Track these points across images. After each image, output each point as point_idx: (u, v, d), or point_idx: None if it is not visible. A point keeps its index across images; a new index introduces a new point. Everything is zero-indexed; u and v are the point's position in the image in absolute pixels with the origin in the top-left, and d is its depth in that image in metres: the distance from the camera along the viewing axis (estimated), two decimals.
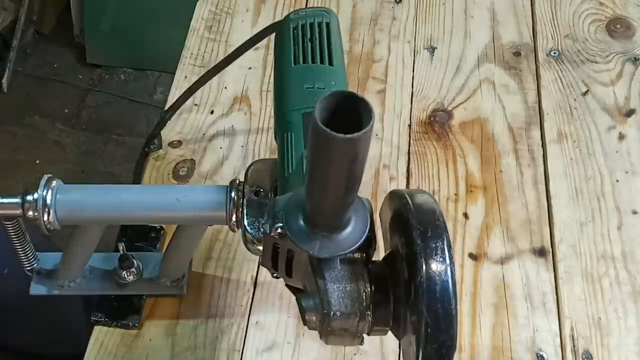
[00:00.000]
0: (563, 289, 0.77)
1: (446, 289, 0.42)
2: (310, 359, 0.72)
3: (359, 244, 0.45)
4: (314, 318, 0.48)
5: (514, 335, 0.74)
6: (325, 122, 0.35)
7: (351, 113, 0.36)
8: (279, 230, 0.48)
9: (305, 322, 0.50)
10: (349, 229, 0.45)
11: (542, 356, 0.73)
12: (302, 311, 0.49)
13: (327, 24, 0.64)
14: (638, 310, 0.76)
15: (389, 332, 0.49)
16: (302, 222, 0.45)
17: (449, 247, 0.43)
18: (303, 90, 0.59)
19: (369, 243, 0.48)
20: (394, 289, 0.46)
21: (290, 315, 0.75)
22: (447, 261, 0.42)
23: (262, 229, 0.51)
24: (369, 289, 0.46)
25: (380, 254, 0.50)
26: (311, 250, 0.44)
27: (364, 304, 0.46)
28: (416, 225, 0.44)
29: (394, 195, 0.48)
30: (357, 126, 0.35)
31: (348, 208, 0.43)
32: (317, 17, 0.64)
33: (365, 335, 0.48)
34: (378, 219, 0.51)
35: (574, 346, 0.73)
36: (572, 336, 0.74)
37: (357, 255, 0.48)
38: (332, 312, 0.45)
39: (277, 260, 0.52)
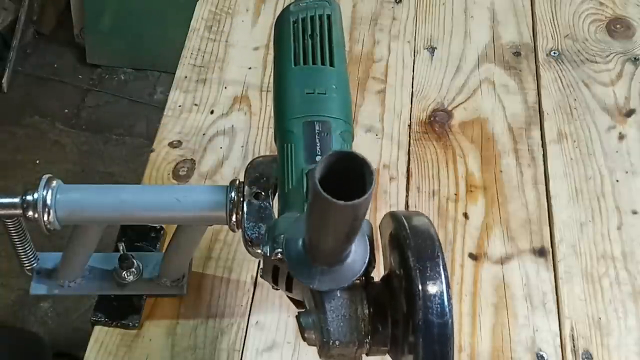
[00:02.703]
0: (563, 289, 0.77)
1: (444, 333, 0.42)
2: (311, 359, 0.72)
3: (359, 274, 0.45)
4: (313, 337, 0.49)
5: (514, 335, 0.74)
6: (325, 179, 0.35)
7: (351, 172, 0.36)
8: (279, 255, 0.48)
9: (304, 339, 0.50)
10: (349, 260, 0.45)
11: (542, 356, 0.73)
12: (302, 329, 0.50)
13: (329, 16, 0.62)
14: (638, 310, 0.76)
15: None
16: (301, 251, 0.45)
17: (448, 286, 0.43)
18: (303, 95, 0.58)
19: (369, 264, 0.48)
20: (392, 311, 0.46)
21: (290, 315, 0.75)
22: (447, 311, 0.43)
23: (262, 251, 0.51)
24: (367, 314, 0.47)
25: (379, 258, 0.50)
26: (310, 284, 0.45)
27: (363, 332, 0.46)
28: (415, 265, 0.43)
29: (392, 219, 0.48)
30: (357, 185, 0.35)
31: (347, 249, 0.44)
32: (319, 8, 0.62)
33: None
34: (377, 224, 0.51)
35: (574, 346, 0.73)
36: (572, 336, 0.74)
37: (356, 280, 0.48)
38: (331, 341, 0.46)
39: (277, 277, 0.52)
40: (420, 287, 0.43)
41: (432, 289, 0.43)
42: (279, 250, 0.47)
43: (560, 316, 0.75)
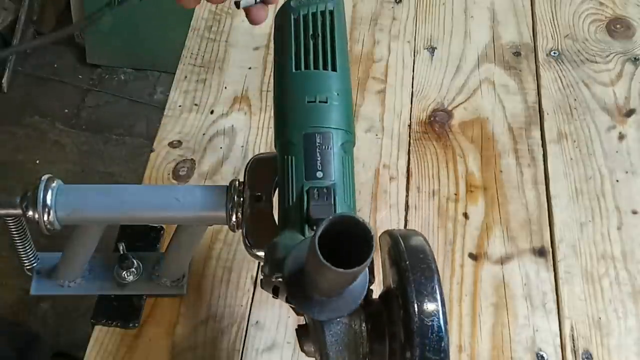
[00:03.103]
0: (563, 289, 0.77)
1: (439, 335, 0.43)
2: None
3: (358, 304, 0.45)
4: (312, 349, 0.49)
5: (514, 335, 0.74)
6: (325, 236, 0.36)
7: (352, 234, 0.37)
8: (279, 279, 0.48)
9: (303, 351, 0.50)
10: (347, 291, 0.45)
11: (542, 356, 0.73)
12: (301, 343, 0.50)
13: (331, 12, 0.59)
14: (638, 310, 0.76)
15: None
16: (301, 281, 0.45)
17: (442, 295, 0.44)
18: (304, 105, 0.56)
19: (368, 285, 0.48)
20: (389, 328, 0.47)
21: (290, 315, 0.75)
22: (443, 335, 0.43)
23: (263, 271, 0.51)
24: (365, 333, 0.47)
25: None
26: (310, 314, 0.45)
27: (362, 355, 0.47)
28: (411, 278, 0.44)
29: (389, 238, 0.48)
30: (357, 246, 0.36)
31: (346, 287, 0.44)
32: (320, 4, 0.60)
33: None
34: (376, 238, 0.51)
35: (574, 346, 0.73)
36: (572, 336, 0.74)
37: None
38: None
39: (277, 293, 0.51)
40: (417, 321, 0.43)
41: (429, 320, 0.43)
42: (279, 275, 0.47)
43: (560, 316, 0.75)
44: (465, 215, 0.83)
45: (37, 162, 1.97)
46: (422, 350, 0.42)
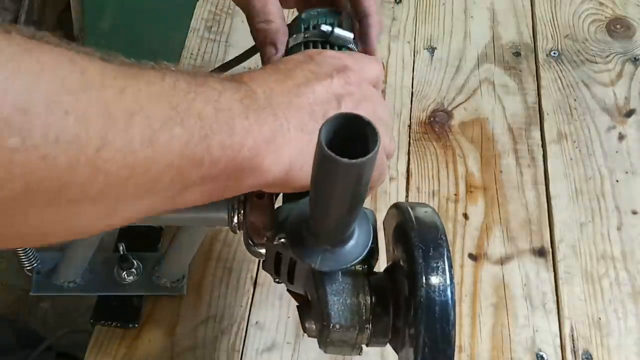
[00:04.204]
0: (563, 289, 0.77)
1: (446, 310, 0.42)
2: (311, 359, 0.72)
3: (361, 257, 0.45)
4: (314, 327, 0.49)
5: (514, 336, 0.74)
6: (330, 142, 0.35)
7: (357, 134, 0.36)
8: (282, 240, 0.49)
9: (305, 330, 0.50)
10: (351, 242, 0.45)
11: (542, 356, 0.73)
12: (303, 320, 0.50)
13: (340, 25, 0.63)
14: (638, 311, 0.76)
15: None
16: (305, 235, 0.45)
17: (450, 266, 0.43)
18: None
19: (371, 254, 0.48)
20: (394, 302, 0.46)
21: (290, 315, 0.75)
22: (448, 282, 0.43)
23: (265, 237, 0.51)
24: (369, 302, 0.47)
25: (381, 260, 0.50)
26: (313, 263, 0.44)
27: (364, 317, 0.46)
28: (418, 244, 0.44)
29: (397, 209, 0.48)
30: (362, 147, 0.35)
31: (351, 224, 0.44)
32: (329, 17, 0.64)
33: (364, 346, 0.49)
34: (380, 226, 0.51)
35: (573, 346, 0.73)
36: (572, 336, 0.74)
37: (358, 267, 0.48)
38: (331, 325, 0.46)
39: (279, 266, 0.52)
40: (422, 265, 0.43)
41: (434, 267, 0.43)
42: (282, 235, 0.48)
43: (560, 316, 0.75)
44: (465, 216, 0.83)
45: None
46: (427, 325, 0.42)
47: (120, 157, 0.35)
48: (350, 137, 0.36)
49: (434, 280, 0.42)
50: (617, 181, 0.86)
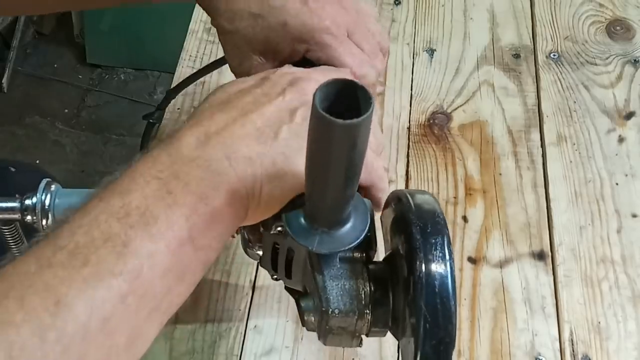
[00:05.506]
0: (562, 292, 0.77)
1: (445, 284, 0.42)
2: None
3: (358, 240, 0.44)
4: (313, 319, 0.48)
5: (513, 340, 0.74)
6: (324, 109, 0.35)
7: (351, 101, 0.36)
8: (279, 229, 0.48)
9: (303, 323, 0.49)
10: (348, 226, 0.45)
11: None
12: (301, 312, 0.49)
13: None
14: (637, 315, 0.76)
15: (388, 335, 0.48)
16: (302, 220, 0.45)
17: (449, 243, 0.43)
18: None
19: (369, 244, 0.48)
20: (393, 289, 0.46)
21: (289, 319, 0.74)
22: (447, 257, 0.42)
23: (261, 228, 0.51)
24: (368, 288, 0.46)
25: (380, 256, 0.50)
26: (310, 245, 0.44)
27: (363, 302, 0.46)
28: (416, 222, 0.43)
29: (395, 195, 0.48)
30: (356, 114, 0.35)
31: (348, 202, 0.43)
32: None
33: (364, 337, 0.48)
34: (378, 221, 0.51)
35: (573, 350, 0.73)
36: (572, 340, 0.74)
37: (356, 254, 0.47)
38: (330, 310, 0.45)
39: (276, 260, 0.52)
40: (420, 241, 0.42)
41: (433, 242, 0.42)
42: (280, 223, 0.48)
43: (560, 320, 0.75)
44: (464, 219, 0.83)
45: (37, 162, 1.97)
46: (427, 300, 0.41)
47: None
48: (344, 105, 0.36)
49: (433, 256, 0.42)
50: (617, 184, 0.86)
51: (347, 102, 0.36)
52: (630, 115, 0.93)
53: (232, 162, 0.45)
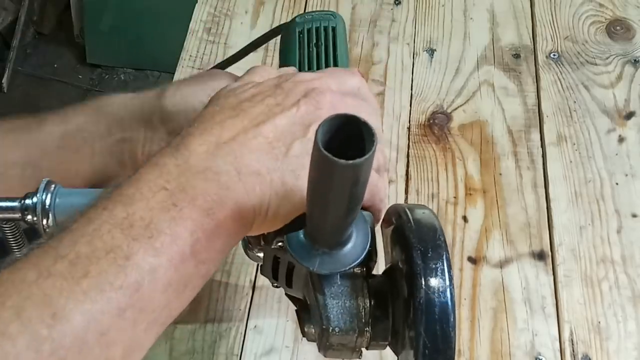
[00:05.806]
0: (562, 292, 0.77)
1: (445, 311, 0.42)
2: None
3: (359, 260, 0.44)
4: (313, 331, 0.49)
5: (513, 340, 0.74)
6: (327, 143, 0.35)
7: (353, 135, 0.36)
8: (280, 244, 0.48)
9: (304, 334, 0.50)
10: (349, 245, 0.45)
11: None
12: (302, 324, 0.50)
13: (334, 29, 0.63)
14: (638, 314, 0.76)
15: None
16: (302, 237, 0.45)
17: (449, 267, 0.43)
18: None
19: (370, 257, 0.48)
20: (393, 304, 0.46)
21: (289, 319, 0.74)
22: (447, 283, 0.42)
23: (262, 241, 0.51)
24: (368, 305, 0.46)
25: (380, 264, 0.50)
26: (311, 266, 0.44)
27: (363, 320, 0.46)
28: (417, 245, 0.44)
29: (395, 211, 0.48)
30: (359, 148, 0.35)
31: (349, 226, 0.43)
32: (324, 21, 0.64)
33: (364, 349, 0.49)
34: (378, 230, 0.51)
35: (573, 350, 0.73)
36: (572, 340, 0.74)
37: (357, 270, 0.48)
38: (330, 328, 0.45)
39: (277, 270, 0.52)
40: (421, 266, 0.42)
41: (433, 268, 0.42)
42: (281, 239, 0.47)
43: (560, 320, 0.75)
44: (465, 219, 0.83)
45: None
46: (427, 326, 0.41)
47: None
48: (347, 138, 0.35)
49: (433, 281, 0.42)
50: (617, 184, 0.86)
51: (349, 135, 0.35)
52: (630, 115, 0.93)
53: (242, 177, 0.44)
